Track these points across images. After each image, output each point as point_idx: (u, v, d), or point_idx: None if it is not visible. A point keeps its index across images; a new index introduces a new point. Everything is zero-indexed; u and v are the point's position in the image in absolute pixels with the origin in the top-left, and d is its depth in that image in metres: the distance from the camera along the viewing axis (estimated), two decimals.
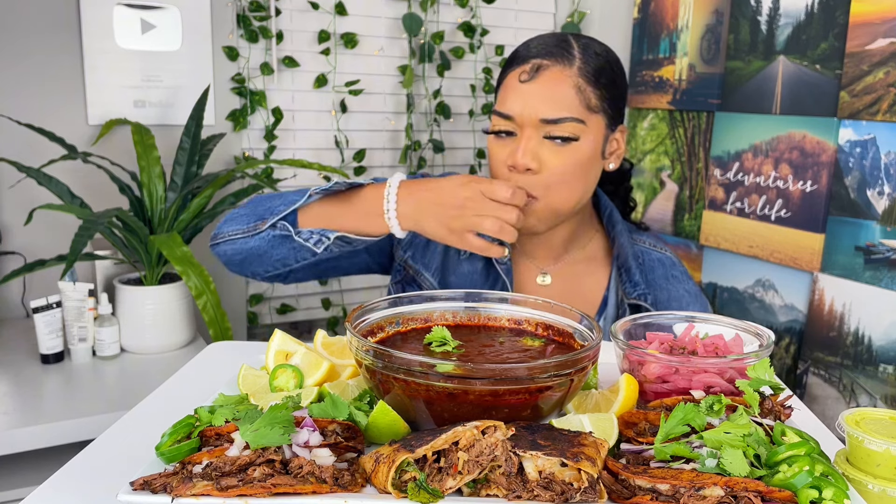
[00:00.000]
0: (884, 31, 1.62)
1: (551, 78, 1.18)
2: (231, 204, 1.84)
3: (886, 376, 1.65)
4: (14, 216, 1.89)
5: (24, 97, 1.87)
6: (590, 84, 1.19)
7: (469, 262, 1.31)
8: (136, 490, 0.63)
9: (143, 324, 1.74)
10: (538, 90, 1.17)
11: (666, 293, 1.31)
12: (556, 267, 1.33)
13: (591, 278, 1.34)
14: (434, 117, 2.37)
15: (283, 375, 0.86)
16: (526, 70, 1.19)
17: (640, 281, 1.29)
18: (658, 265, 1.34)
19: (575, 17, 2.49)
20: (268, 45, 2.12)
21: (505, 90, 1.21)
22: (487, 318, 0.96)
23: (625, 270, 1.30)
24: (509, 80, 1.21)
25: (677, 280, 1.33)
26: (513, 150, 1.19)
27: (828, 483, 0.62)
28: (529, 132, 1.18)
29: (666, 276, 1.33)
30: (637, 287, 1.28)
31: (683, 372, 0.82)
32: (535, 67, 1.18)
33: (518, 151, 1.17)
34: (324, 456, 0.67)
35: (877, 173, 1.66)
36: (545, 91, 1.17)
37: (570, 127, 1.17)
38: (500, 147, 1.21)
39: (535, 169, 1.17)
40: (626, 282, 1.29)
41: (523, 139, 1.18)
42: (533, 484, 0.64)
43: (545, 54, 1.19)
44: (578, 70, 1.18)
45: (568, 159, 1.18)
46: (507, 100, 1.20)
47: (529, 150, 1.17)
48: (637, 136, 2.35)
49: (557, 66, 1.18)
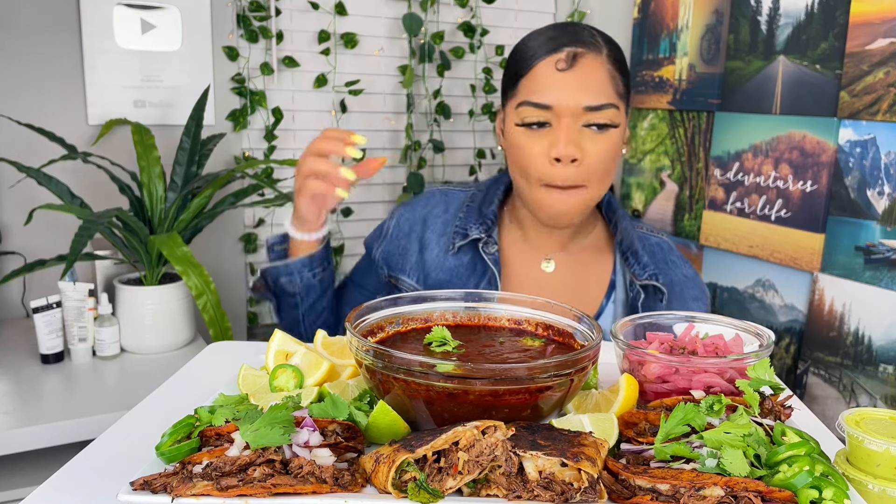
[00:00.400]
0: (884, 31, 1.62)
1: (589, 65, 1.17)
2: (231, 204, 1.84)
3: (886, 376, 1.65)
4: (14, 216, 1.89)
5: (24, 97, 1.87)
6: (618, 71, 1.20)
7: (455, 257, 1.30)
8: (136, 490, 0.63)
9: (143, 324, 1.74)
10: (578, 78, 1.16)
11: (669, 277, 1.31)
12: (560, 255, 1.32)
13: (597, 265, 1.34)
14: (434, 117, 2.37)
15: (283, 375, 0.86)
16: (562, 59, 1.17)
17: (648, 262, 1.29)
18: (658, 249, 1.35)
19: (575, 17, 2.49)
20: (268, 45, 2.12)
21: (536, 80, 1.18)
22: (487, 318, 0.96)
23: (631, 254, 1.30)
24: (541, 70, 1.18)
25: (675, 265, 1.34)
26: (552, 140, 1.17)
27: (828, 483, 0.62)
28: (569, 121, 1.16)
29: (665, 259, 1.34)
30: (647, 268, 1.28)
31: (683, 372, 0.82)
32: (571, 55, 1.16)
33: (561, 142, 1.15)
34: (324, 456, 0.67)
35: (877, 173, 1.66)
36: (585, 79, 1.16)
37: (610, 113, 1.17)
38: (535, 139, 1.18)
39: (580, 158, 1.16)
40: (635, 264, 1.29)
41: (563, 129, 1.16)
42: (533, 484, 0.64)
43: (577, 42, 1.18)
44: (608, 57, 1.19)
45: (606, 146, 1.18)
46: (542, 89, 1.17)
47: (573, 140, 1.16)
48: (637, 136, 2.35)
49: (591, 54, 1.18)
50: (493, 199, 1.33)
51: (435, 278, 1.30)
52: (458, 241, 1.28)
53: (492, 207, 1.31)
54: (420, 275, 1.31)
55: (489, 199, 1.33)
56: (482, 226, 1.29)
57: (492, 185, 1.37)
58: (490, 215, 1.30)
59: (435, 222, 1.34)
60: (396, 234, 1.36)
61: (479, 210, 1.32)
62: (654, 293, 1.29)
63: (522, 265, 1.32)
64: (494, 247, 1.28)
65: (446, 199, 1.37)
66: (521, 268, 1.32)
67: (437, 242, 1.32)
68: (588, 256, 1.34)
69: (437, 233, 1.32)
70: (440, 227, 1.33)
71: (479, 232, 1.28)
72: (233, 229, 2.18)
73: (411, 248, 1.33)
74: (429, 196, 1.39)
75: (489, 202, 1.33)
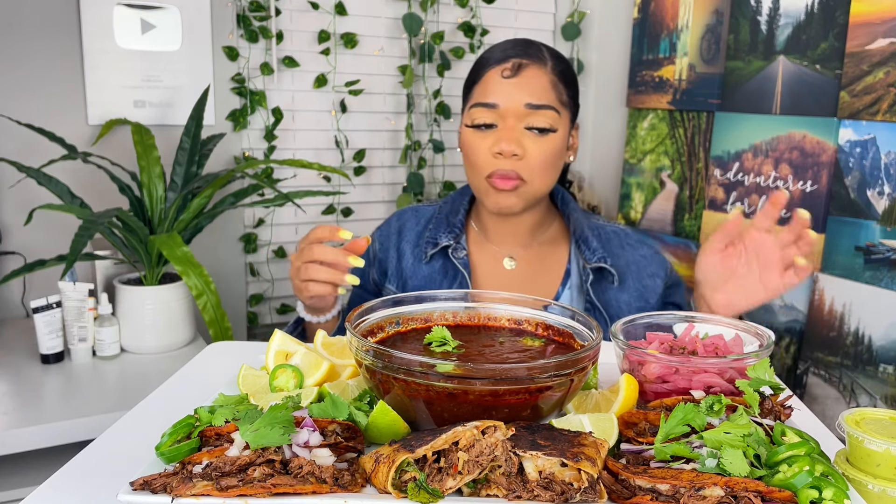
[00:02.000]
0: (884, 31, 1.62)
1: (532, 73, 1.29)
2: (231, 204, 1.84)
3: (886, 376, 1.65)
4: (14, 216, 1.89)
5: (24, 97, 1.87)
6: (560, 81, 1.32)
7: (428, 265, 1.40)
8: (136, 490, 0.63)
9: (143, 324, 1.74)
10: (521, 83, 1.29)
11: (624, 259, 1.40)
12: (520, 252, 1.42)
13: (554, 256, 1.43)
14: (434, 117, 2.37)
15: (283, 375, 0.86)
16: (508, 67, 1.30)
17: (597, 248, 1.38)
18: (613, 236, 1.44)
19: (575, 17, 2.49)
20: (268, 45, 2.12)
21: (486, 85, 1.31)
22: (487, 318, 0.96)
23: (582, 241, 1.39)
24: (490, 77, 1.31)
25: (632, 247, 1.43)
26: (497, 138, 1.28)
27: (828, 483, 0.62)
28: (512, 122, 1.28)
29: (621, 244, 1.43)
30: (595, 252, 1.37)
31: (683, 372, 0.82)
32: (516, 66, 1.29)
33: (503, 139, 1.27)
34: (324, 456, 0.67)
35: (877, 173, 1.66)
36: (527, 83, 1.29)
37: (550, 115, 1.29)
38: (481, 138, 1.30)
39: (520, 154, 1.27)
40: (586, 250, 1.38)
41: (506, 128, 1.28)
42: (533, 484, 0.64)
43: (523, 55, 1.31)
44: (552, 69, 1.32)
45: (546, 147, 1.29)
46: (490, 92, 1.30)
47: (514, 138, 1.27)
48: (637, 136, 2.35)
49: (536, 65, 1.31)
50: (459, 208, 1.44)
51: (412, 285, 1.40)
52: (429, 249, 1.38)
53: (459, 216, 1.42)
54: (399, 281, 1.42)
55: (455, 209, 1.44)
56: (451, 234, 1.39)
57: (458, 196, 1.47)
58: (458, 223, 1.41)
59: (409, 234, 1.44)
60: (381, 250, 1.46)
61: (447, 219, 1.42)
62: (605, 276, 1.37)
63: (488, 264, 1.41)
64: (463, 251, 1.38)
65: (417, 215, 1.48)
66: (487, 267, 1.41)
67: (411, 253, 1.42)
68: (546, 250, 1.43)
69: (410, 244, 1.43)
70: (413, 238, 1.43)
71: (447, 239, 1.38)
72: (233, 229, 2.18)
73: (391, 256, 1.44)
74: (400, 213, 1.50)
75: (456, 211, 1.43)
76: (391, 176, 2.38)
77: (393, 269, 1.43)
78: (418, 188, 2.33)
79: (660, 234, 2.26)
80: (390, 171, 2.37)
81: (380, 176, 2.37)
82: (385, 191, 2.39)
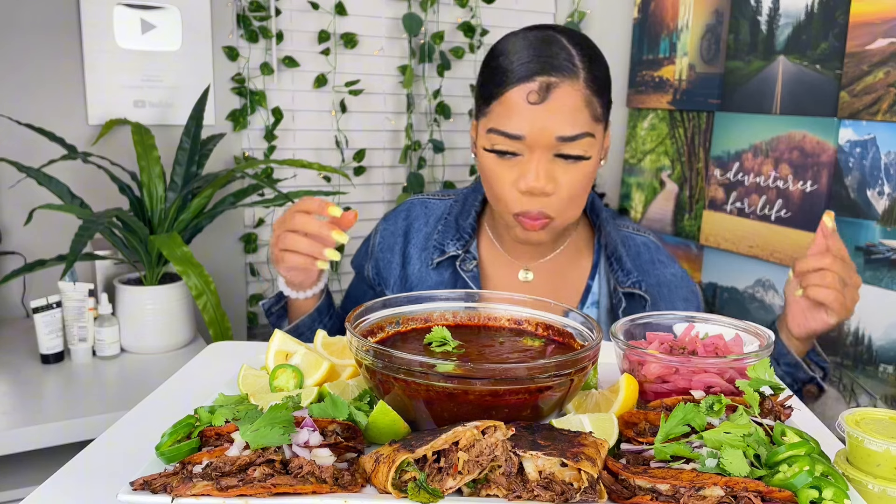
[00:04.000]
0: (884, 31, 1.62)
1: (563, 94, 1.12)
2: (231, 204, 1.84)
3: (886, 376, 1.65)
4: (14, 216, 1.89)
5: (24, 97, 1.87)
6: (595, 95, 1.15)
7: (436, 272, 1.30)
8: (136, 490, 0.63)
9: (143, 324, 1.74)
10: (551, 110, 1.12)
11: (655, 278, 1.31)
12: (538, 264, 1.32)
13: (575, 270, 1.33)
14: (434, 117, 2.37)
15: (283, 375, 0.86)
16: (534, 90, 1.12)
17: (631, 269, 1.28)
18: (644, 249, 1.34)
19: (575, 17, 2.49)
20: (268, 45, 2.12)
21: (510, 109, 1.14)
22: (487, 318, 0.96)
23: (615, 259, 1.29)
24: (513, 98, 1.13)
25: (663, 265, 1.33)
26: (523, 171, 1.15)
27: (828, 483, 0.62)
28: (541, 153, 1.13)
29: (652, 260, 1.33)
30: (630, 275, 1.27)
31: (683, 372, 0.82)
32: (543, 87, 1.11)
33: (531, 174, 1.13)
34: (324, 456, 0.67)
35: (877, 173, 1.66)
36: (559, 110, 1.12)
37: (584, 143, 1.14)
38: (506, 168, 1.16)
39: (550, 191, 1.15)
40: (618, 270, 1.28)
41: (534, 160, 1.14)
42: (533, 484, 0.64)
43: (550, 69, 1.12)
44: (584, 82, 1.14)
45: (579, 175, 1.16)
46: (515, 120, 1.13)
47: (544, 172, 1.13)
48: (637, 136, 2.36)
49: (567, 82, 1.12)
50: (471, 210, 1.32)
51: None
52: (436, 256, 1.29)
53: (469, 220, 1.31)
54: (402, 290, 1.31)
55: (466, 211, 1.33)
56: (459, 241, 1.29)
57: (469, 194, 1.36)
58: (467, 228, 1.30)
59: (416, 236, 1.33)
60: (381, 248, 1.36)
61: (457, 223, 1.31)
62: (637, 300, 1.28)
63: (501, 277, 1.32)
64: (472, 262, 1.28)
65: (426, 211, 1.36)
66: (500, 280, 1.32)
67: (418, 257, 1.32)
68: (566, 261, 1.33)
69: (418, 247, 1.33)
70: (422, 240, 1.33)
71: (455, 248, 1.28)
72: (233, 229, 2.18)
73: (394, 261, 1.34)
74: (409, 207, 1.38)
75: (466, 214, 1.32)
76: (391, 176, 2.38)
77: (396, 277, 1.33)
78: (418, 188, 2.33)
79: (660, 235, 2.26)
80: (390, 171, 2.37)
81: (380, 176, 2.37)
82: (385, 191, 2.39)
